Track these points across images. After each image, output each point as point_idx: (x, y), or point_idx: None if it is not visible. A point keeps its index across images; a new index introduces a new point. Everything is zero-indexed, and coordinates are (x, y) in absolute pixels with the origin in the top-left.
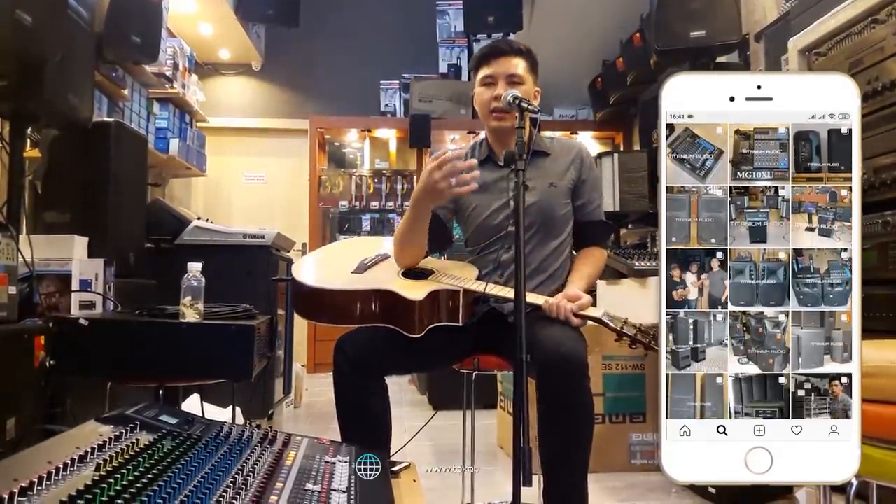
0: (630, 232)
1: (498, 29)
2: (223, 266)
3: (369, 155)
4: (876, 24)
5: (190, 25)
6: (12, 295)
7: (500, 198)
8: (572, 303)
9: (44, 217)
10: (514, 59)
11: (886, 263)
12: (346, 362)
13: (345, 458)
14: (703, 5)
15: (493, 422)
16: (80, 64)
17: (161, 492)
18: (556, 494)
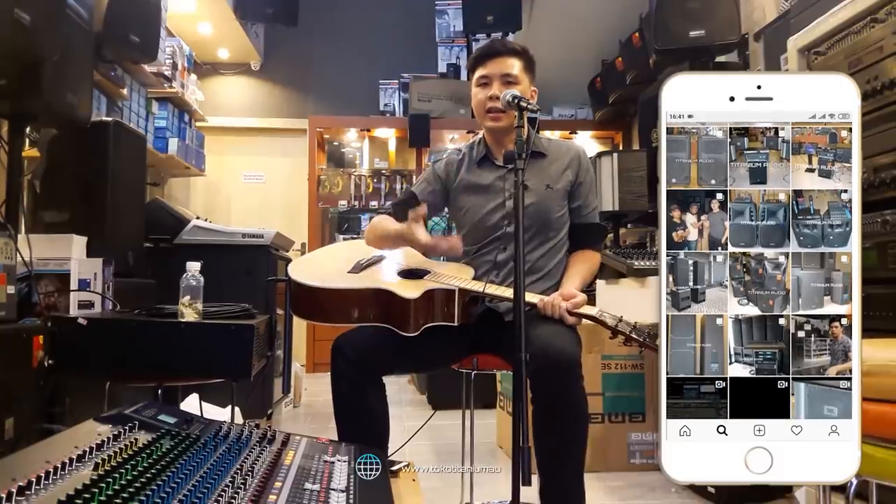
0: (629, 231)
1: (497, 28)
2: (222, 266)
3: (368, 154)
4: (875, 23)
5: (189, 25)
6: (11, 294)
7: (497, 198)
8: (567, 301)
9: (42, 216)
10: (509, 59)
11: (886, 263)
12: (345, 362)
13: (344, 458)
14: (703, 5)
15: (492, 421)
16: (78, 63)
17: (160, 491)
18: (551, 493)
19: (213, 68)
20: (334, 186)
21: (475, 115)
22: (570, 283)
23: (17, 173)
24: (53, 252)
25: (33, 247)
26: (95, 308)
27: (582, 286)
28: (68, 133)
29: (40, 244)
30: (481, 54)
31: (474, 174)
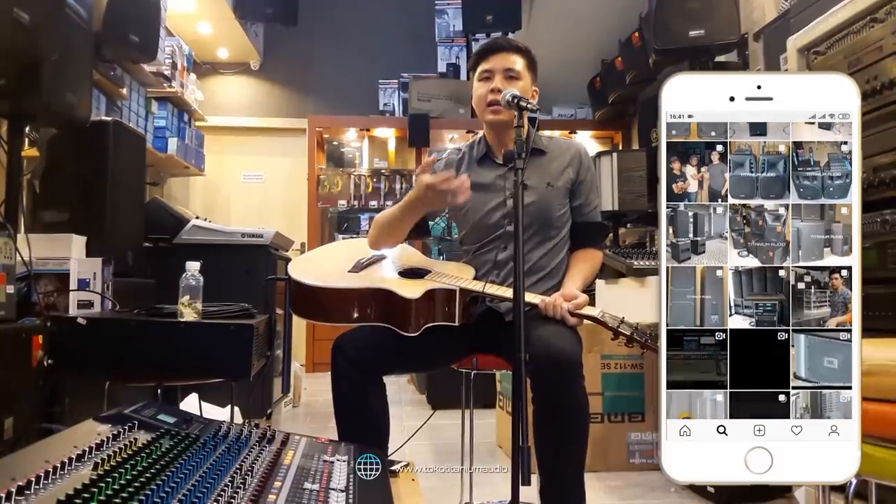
0: (629, 231)
1: (497, 28)
2: (222, 265)
3: (368, 154)
4: (875, 23)
5: (188, 24)
6: (10, 294)
7: (497, 197)
8: (568, 301)
9: (42, 216)
10: (511, 56)
11: (885, 262)
12: (345, 362)
13: (343, 458)
14: (702, 5)
15: (491, 421)
16: (78, 63)
17: (159, 491)
18: (552, 493)
19: (212, 68)
20: (334, 186)
21: (475, 109)
22: (571, 283)
23: (17, 173)
24: (53, 252)
25: (33, 246)
26: (95, 308)
27: (583, 286)
28: (68, 133)
29: (40, 244)
30: (484, 49)
31: (474, 173)
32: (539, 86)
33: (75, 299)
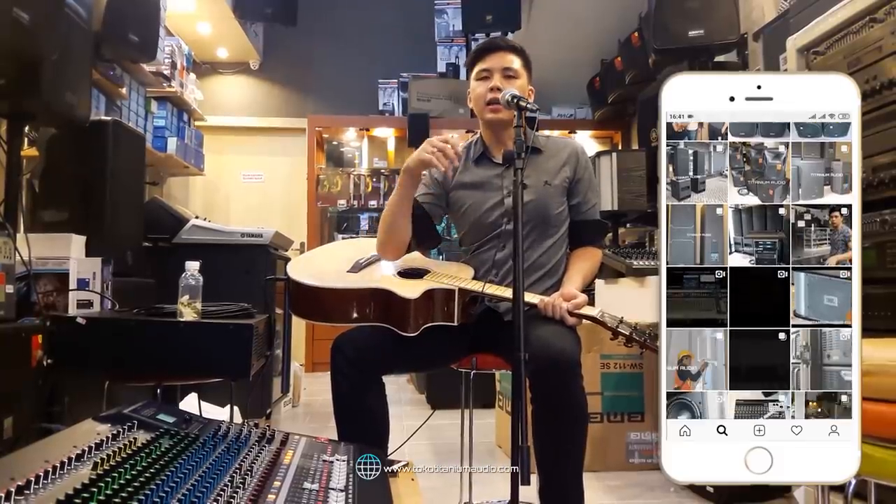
0: (628, 231)
1: (496, 28)
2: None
3: (367, 154)
4: (874, 23)
5: (188, 24)
6: (10, 294)
7: (495, 196)
8: (567, 301)
9: (41, 216)
10: (508, 55)
11: (884, 262)
12: (344, 361)
13: (343, 457)
14: (702, 4)
15: (491, 421)
16: (77, 62)
17: (158, 490)
18: (551, 493)
19: (212, 68)
20: (333, 186)
21: (474, 109)
22: (570, 283)
23: (16, 173)
24: (52, 251)
25: (32, 246)
26: (94, 307)
27: (583, 285)
28: (67, 132)
29: (39, 243)
30: (482, 49)
31: (472, 172)
32: (538, 86)
33: (75, 299)
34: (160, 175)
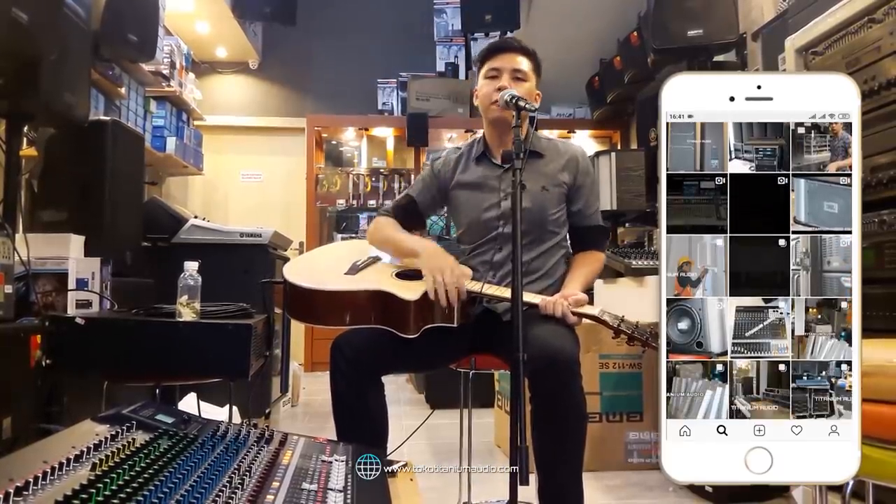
0: (627, 231)
1: (495, 27)
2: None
3: (367, 153)
4: (873, 23)
5: (187, 24)
6: (9, 294)
7: (492, 197)
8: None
9: (40, 216)
10: (519, 56)
11: (883, 262)
12: (344, 361)
13: (342, 458)
14: (701, 4)
15: (490, 420)
16: (76, 62)
17: (157, 491)
18: (550, 492)
19: (211, 67)
20: (332, 185)
21: (480, 107)
22: (572, 284)
23: (15, 172)
24: (51, 251)
25: (31, 246)
26: (93, 307)
27: (584, 288)
28: (66, 132)
29: (38, 243)
30: (493, 47)
31: (471, 171)
32: (539, 88)
33: (74, 299)
34: (159, 175)
